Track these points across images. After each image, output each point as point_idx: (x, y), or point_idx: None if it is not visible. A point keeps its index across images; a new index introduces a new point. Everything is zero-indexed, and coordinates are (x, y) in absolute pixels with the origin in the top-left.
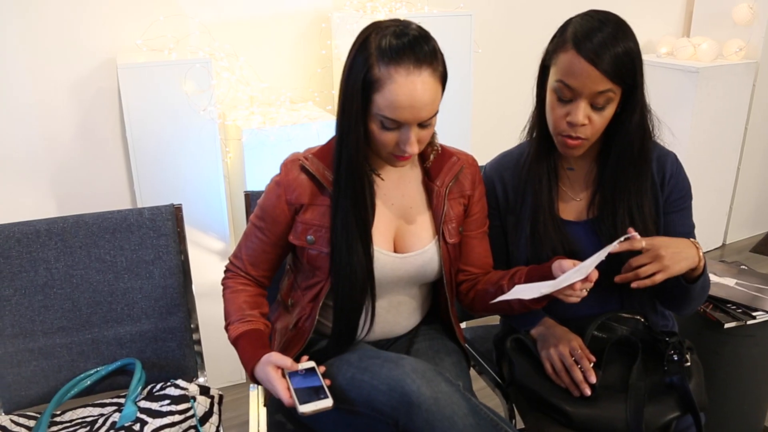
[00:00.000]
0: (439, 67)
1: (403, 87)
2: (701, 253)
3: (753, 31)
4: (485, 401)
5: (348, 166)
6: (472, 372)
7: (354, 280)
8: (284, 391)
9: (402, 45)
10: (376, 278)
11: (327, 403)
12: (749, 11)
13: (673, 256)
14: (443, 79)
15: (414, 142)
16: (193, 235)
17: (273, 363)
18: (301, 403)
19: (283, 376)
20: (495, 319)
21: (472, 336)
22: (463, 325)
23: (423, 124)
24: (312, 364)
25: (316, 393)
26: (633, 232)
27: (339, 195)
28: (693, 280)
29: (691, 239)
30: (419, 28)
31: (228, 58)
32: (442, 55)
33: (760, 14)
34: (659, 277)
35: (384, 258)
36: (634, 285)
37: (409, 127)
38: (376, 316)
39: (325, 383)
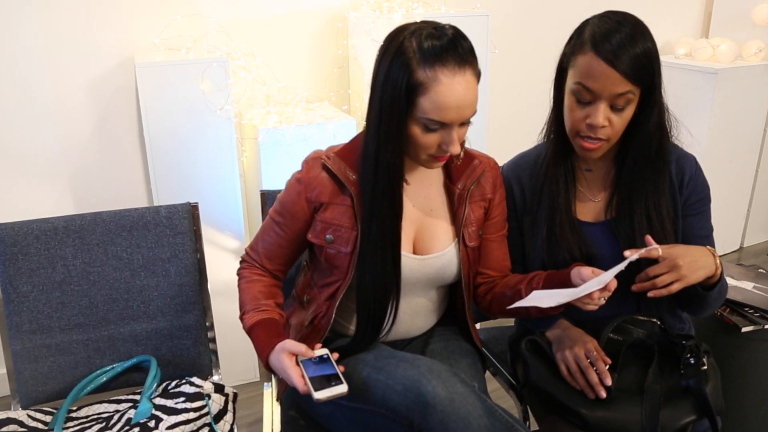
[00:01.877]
0: (477, 65)
1: (450, 88)
2: (718, 261)
3: None
4: (499, 403)
5: (388, 173)
6: (487, 373)
7: (382, 283)
8: (299, 378)
9: (444, 45)
10: None
11: (342, 389)
12: None
13: (690, 265)
14: (479, 76)
15: (457, 141)
16: (208, 234)
17: (287, 350)
18: (316, 390)
19: (297, 364)
20: (509, 321)
21: (486, 337)
22: (478, 326)
23: (463, 123)
24: (326, 351)
25: (331, 380)
26: (651, 241)
27: (374, 201)
28: (710, 287)
29: (708, 247)
30: (454, 27)
31: (245, 57)
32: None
33: None
34: (676, 287)
35: (404, 259)
36: (650, 294)
37: (452, 128)
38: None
39: (340, 370)
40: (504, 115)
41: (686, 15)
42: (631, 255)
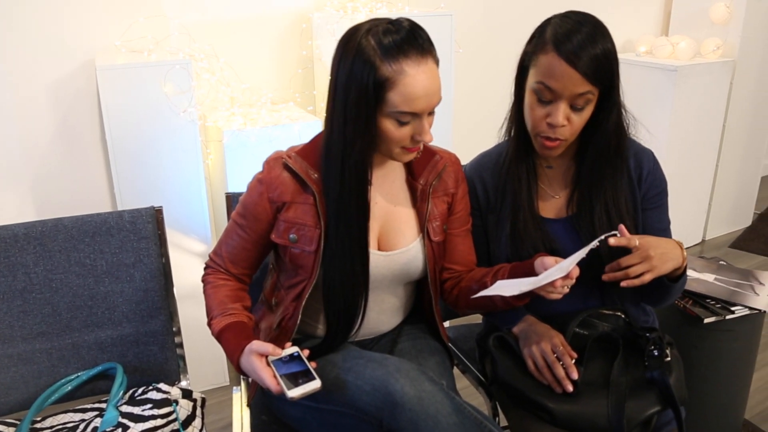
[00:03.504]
0: (435, 52)
1: (416, 78)
2: (685, 253)
3: (730, 30)
4: (469, 400)
5: (356, 173)
6: (456, 371)
7: (351, 282)
8: (271, 379)
9: (404, 38)
10: None
11: (315, 384)
12: (726, 10)
13: (661, 256)
14: (438, 63)
15: (429, 130)
16: (174, 238)
17: (256, 351)
18: (289, 388)
19: (269, 364)
20: (478, 318)
21: (455, 335)
22: (446, 324)
23: (431, 111)
24: (296, 349)
25: (303, 376)
26: (624, 231)
27: (341, 202)
28: (675, 279)
29: (676, 240)
30: (408, 19)
31: (208, 59)
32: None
33: (737, 13)
34: (648, 277)
35: (370, 256)
36: (623, 284)
37: (422, 117)
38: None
39: (311, 366)
40: (469, 113)
41: (646, 13)
42: (593, 243)
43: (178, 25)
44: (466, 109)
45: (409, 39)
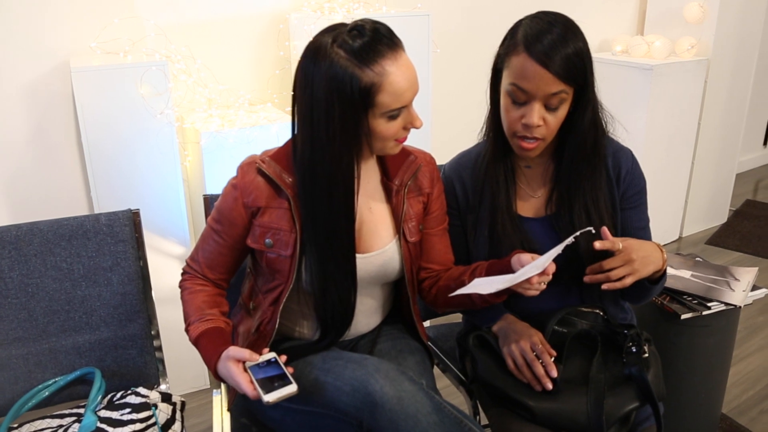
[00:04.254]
0: (401, 42)
1: (398, 74)
2: (665, 256)
3: (704, 29)
4: (449, 399)
5: (344, 187)
6: (437, 370)
7: (343, 285)
8: (247, 384)
9: (372, 39)
10: None
11: (291, 389)
12: (700, 10)
13: (642, 260)
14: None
15: (418, 115)
16: (152, 240)
17: (233, 357)
18: (265, 393)
19: (246, 370)
20: (458, 317)
21: (435, 334)
22: (426, 323)
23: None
24: (273, 354)
25: (280, 381)
26: (607, 233)
27: (331, 212)
28: (655, 281)
29: (656, 242)
30: (364, 19)
31: (185, 60)
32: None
33: (710, 12)
34: (629, 281)
35: None
36: (605, 287)
37: (410, 106)
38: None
39: (288, 371)
40: (447, 113)
41: (622, 13)
42: (569, 239)
43: (153, 27)
44: (444, 109)
45: (377, 38)
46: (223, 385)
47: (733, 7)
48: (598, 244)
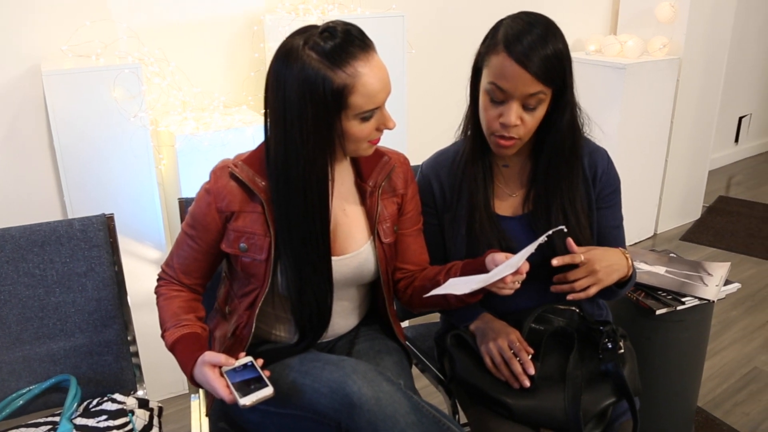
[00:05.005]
0: (372, 42)
1: (371, 75)
2: (630, 262)
3: (675, 28)
4: (429, 398)
5: (318, 189)
6: (415, 370)
7: (319, 288)
8: (223, 388)
9: (344, 41)
10: None
11: (267, 392)
12: (671, 9)
13: (606, 269)
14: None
15: (390, 116)
16: (127, 245)
17: (208, 362)
18: (242, 396)
19: (222, 375)
20: (436, 317)
21: (413, 334)
22: (405, 323)
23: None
24: (249, 358)
25: (256, 384)
26: (573, 247)
27: (306, 217)
28: (622, 285)
29: (621, 249)
30: (335, 21)
31: (158, 63)
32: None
33: (681, 12)
34: (593, 290)
35: None
36: (569, 297)
37: (382, 107)
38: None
39: (265, 374)
40: (423, 113)
41: (595, 13)
42: (541, 238)
43: (126, 29)
44: (419, 109)
45: (349, 40)
46: (201, 390)
47: (704, 7)
48: (555, 261)
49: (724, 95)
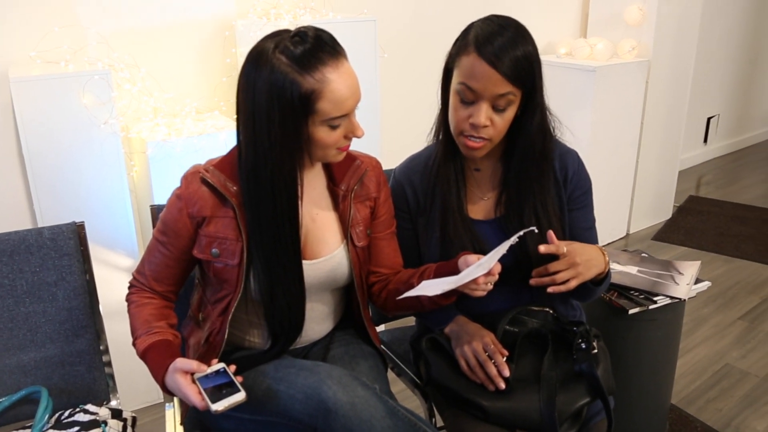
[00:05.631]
0: (343, 50)
1: (339, 82)
2: (607, 259)
3: (643, 31)
4: (405, 402)
5: (287, 192)
6: (392, 374)
7: (291, 292)
8: (195, 395)
9: (314, 46)
10: None
11: (239, 397)
12: (639, 12)
13: (586, 263)
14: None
15: (359, 124)
16: (99, 253)
17: (180, 369)
18: (214, 402)
19: (194, 382)
20: (411, 321)
21: (389, 338)
22: (381, 327)
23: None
24: (222, 365)
25: (228, 389)
26: (553, 238)
27: (273, 219)
28: (598, 282)
29: (598, 246)
30: (307, 26)
31: (129, 68)
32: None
33: (649, 15)
34: (573, 284)
35: None
36: (550, 290)
37: (351, 115)
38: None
39: (237, 379)
40: (396, 117)
41: (566, 16)
42: (512, 239)
43: (95, 35)
44: (392, 112)
45: (319, 46)
46: (176, 399)
47: (671, 10)
48: (543, 248)
49: (693, 96)
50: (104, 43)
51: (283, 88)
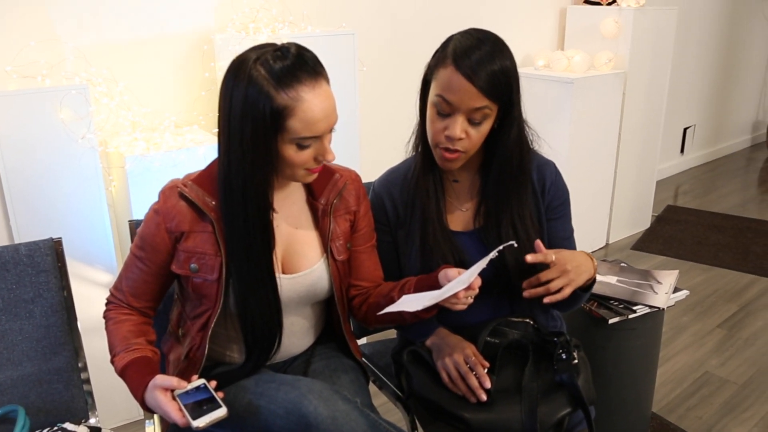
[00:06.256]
0: (325, 71)
1: (314, 102)
2: (595, 263)
3: (620, 43)
4: (388, 415)
5: (258, 203)
6: (374, 387)
7: (266, 307)
8: (176, 412)
9: (294, 63)
10: None
11: (221, 412)
12: (615, 25)
13: (577, 269)
14: (329, 81)
15: (330, 149)
16: (77, 269)
17: (159, 386)
18: (194, 418)
19: (174, 398)
20: (393, 333)
21: (370, 351)
22: (363, 340)
23: (330, 130)
24: (202, 381)
25: (209, 405)
26: (541, 247)
27: (246, 231)
28: (586, 288)
29: (586, 252)
30: (293, 43)
31: (106, 83)
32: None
33: (625, 28)
34: (567, 291)
35: None
36: (546, 300)
37: (323, 138)
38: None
39: (218, 395)
40: (375, 130)
41: (543, 29)
42: (492, 253)
43: (72, 49)
44: (372, 125)
45: (299, 64)
46: (156, 416)
47: (646, 22)
48: (530, 258)
49: (669, 107)
50: (82, 57)
51: (257, 100)
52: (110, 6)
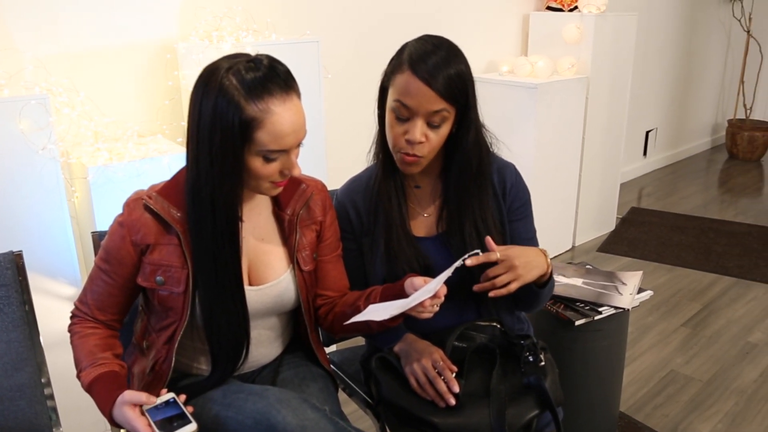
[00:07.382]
0: (297, 86)
1: (283, 116)
2: (549, 261)
3: (582, 48)
4: (358, 422)
5: (226, 213)
6: (344, 395)
7: (233, 318)
8: (145, 428)
9: (266, 75)
10: None
11: (191, 428)
12: (577, 31)
13: (525, 265)
14: (300, 96)
15: (297, 163)
16: (39, 282)
17: (128, 402)
18: None
19: (143, 413)
20: (361, 341)
21: (340, 359)
22: (332, 348)
23: (298, 144)
24: (171, 395)
25: (179, 420)
26: (492, 244)
27: (214, 242)
28: (542, 285)
29: (540, 248)
30: (266, 55)
31: (67, 93)
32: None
33: (586, 33)
34: (514, 286)
35: None
36: (491, 294)
37: (290, 152)
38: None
39: (188, 410)
40: (341, 137)
41: (507, 35)
42: (458, 262)
43: (31, 58)
44: (337, 132)
45: (271, 75)
46: (123, 431)
47: (607, 28)
48: (470, 261)
49: (631, 111)
50: (41, 67)
51: (227, 110)
52: (70, 14)
